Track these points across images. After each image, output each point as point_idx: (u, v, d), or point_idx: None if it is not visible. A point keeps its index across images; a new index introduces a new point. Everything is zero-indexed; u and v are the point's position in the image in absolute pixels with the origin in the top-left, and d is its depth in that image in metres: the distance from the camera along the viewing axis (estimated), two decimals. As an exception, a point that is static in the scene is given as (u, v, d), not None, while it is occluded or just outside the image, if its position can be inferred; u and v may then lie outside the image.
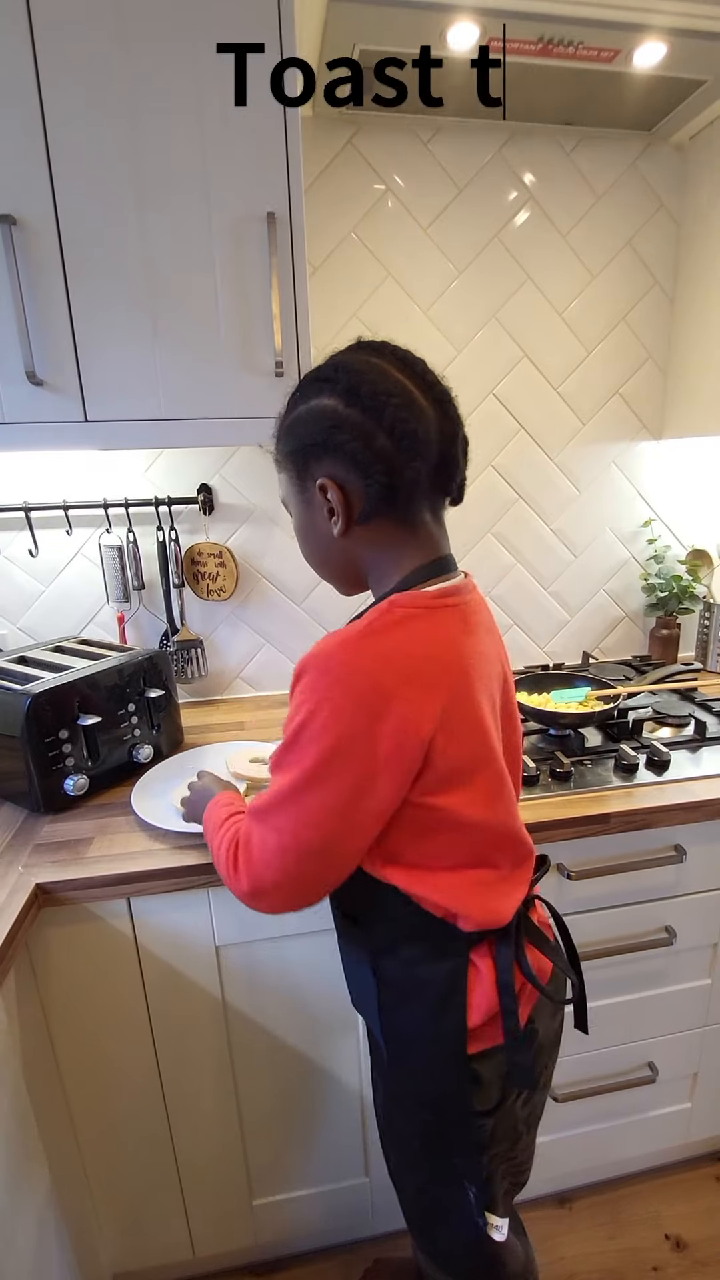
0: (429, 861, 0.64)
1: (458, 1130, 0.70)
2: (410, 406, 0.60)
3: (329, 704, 0.56)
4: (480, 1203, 0.71)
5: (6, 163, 0.86)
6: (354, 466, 0.60)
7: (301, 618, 1.46)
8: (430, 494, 0.64)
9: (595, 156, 1.32)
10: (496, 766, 0.65)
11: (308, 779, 0.57)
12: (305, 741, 0.57)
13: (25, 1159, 0.81)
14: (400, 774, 0.58)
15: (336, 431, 0.59)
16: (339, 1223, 1.14)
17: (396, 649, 0.58)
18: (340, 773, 0.57)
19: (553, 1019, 0.75)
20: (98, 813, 0.99)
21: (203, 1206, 1.06)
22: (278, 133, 0.91)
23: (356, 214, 1.27)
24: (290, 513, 0.71)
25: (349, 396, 0.59)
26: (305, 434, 0.62)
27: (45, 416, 0.94)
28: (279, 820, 0.60)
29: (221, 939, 0.92)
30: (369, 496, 0.61)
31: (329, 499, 0.62)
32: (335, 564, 0.69)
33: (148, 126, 0.88)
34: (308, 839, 0.59)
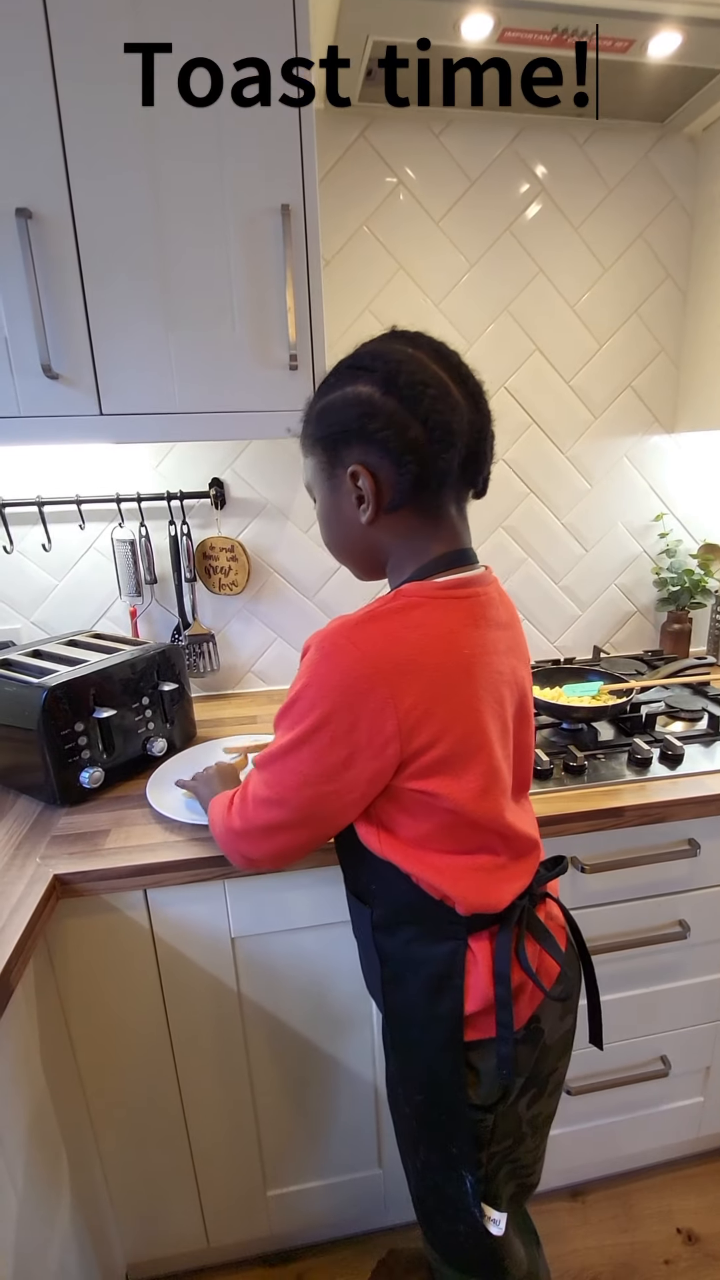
0: (425, 842, 0.65)
1: (453, 1119, 0.70)
2: (446, 398, 0.60)
3: (318, 681, 0.59)
4: (477, 1193, 0.71)
5: (23, 157, 0.86)
6: (387, 455, 0.60)
7: (313, 611, 1.46)
8: (457, 486, 0.65)
9: (608, 148, 1.31)
10: (489, 759, 0.64)
11: (296, 744, 0.61)
12: (297, 712, 0.61)
13: (44, 1148, 0.82)
14: (380, 755, 0.60)
15: (371, 419, 0.60)
16: (352, 1213, 1.14)
17: (389, 635, 0.59)
18: (322, 745, 0.60)
19: (561, 1021, 0.75)
20: (113, 805, 1.00)
21: (217, 1196, 1.07)
22: (292, 125, 0.90)
23: (368, 207, 1.27)
24: (314, 498, 0.71)
25: (386, 385, 0.60)
26: (338, 420, 0.62)
27: (60, 410, 0.95)
28: (269, 773, 0.65)
29: (237, 930, 0.92)
30: (399, 486, 0.61)
31: (359, 486, 0.63)
32: (358, 550, 0.70)
33: (163, 119, 0.88)
34: (288, 798, 0.63)
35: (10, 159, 0.86)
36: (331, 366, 0.68)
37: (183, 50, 0.86)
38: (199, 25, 0.85)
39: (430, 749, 0.60)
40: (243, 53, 0.87)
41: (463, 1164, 0.71)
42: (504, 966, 0.66)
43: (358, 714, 0.58)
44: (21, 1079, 0.77)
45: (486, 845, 0.67)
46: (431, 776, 0.61)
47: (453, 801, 0.62)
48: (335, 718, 0.58)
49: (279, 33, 0.87)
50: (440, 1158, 0.73)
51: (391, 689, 0.58)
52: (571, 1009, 0.76)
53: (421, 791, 0.62)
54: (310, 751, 0.60)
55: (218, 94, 0.88)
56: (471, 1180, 0.71)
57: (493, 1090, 0.68)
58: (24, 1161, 0.76)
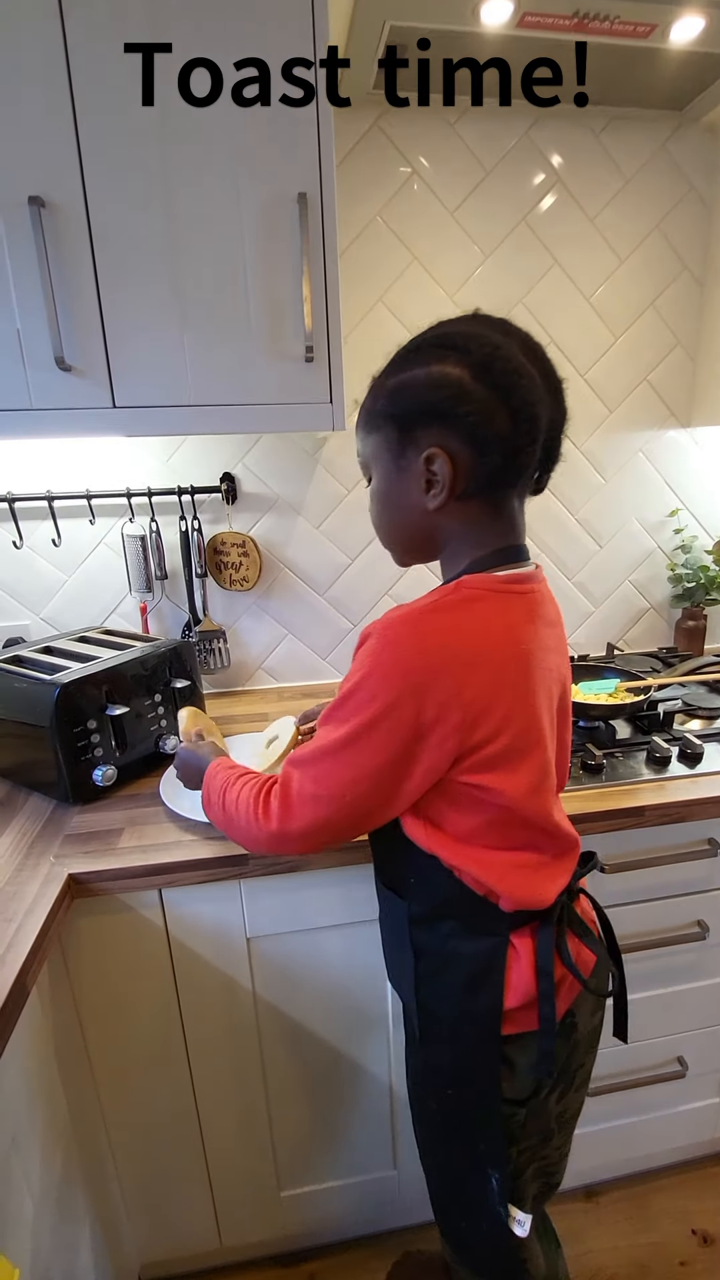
0: (473, 838, 0.64)
1: (484, 1114, 0.69)
2: (535, 391, 0.59)
3: (380, 670, 0.57)
4: (504, 1192, 0.71)
5: (35, 144, 0.85)
6: (469, 442, 0.59)
7: (324, 608, 1.44)
8: (526, 481, 0.64)
9: (624, 138, 1.29)
10: (543, 756, 0.65)
11: (351, 737, 0.59)
12: (355, 703, 0.59)
13: (59, 1149, 0.81)
14: (440, 747, 0.58)
15: (460, 403, 0.57)
16: (366, 1214, 1.14)
17: (454, 628, 0.58)
18: (382, 737, 0.58)
19: (593, 1015, 0.75)
20: (126, 803, 0.98)
21: (230, 1197, 1.06)
22: (309, 110, 0.89)
23: (382, 197, 1.25)
24: (369, 475, 0.69)
25: (480, 370, 0.57)
26: (421, 399, 0.60)
27: (73, 403, 0.93)
28: (318, 770, 0.62)
29: (253, 930, 0.91)
30: (477, 475, 0.60)
31: (433, 470, 0.60)
32: (413, 535, 0.67)
33: (177, 105, 0.86)
34: (341, 793, 0.61)
35: (23, 146, 0.84)
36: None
37: (193, 42, 0.84)
38: (211, 12, 0.84)
39: (489, 743, 0.59)
40: (258, 40, 0.85)
41: (490, 1161, 0.70)
42: (547, 962, 0.66)
43: (421, 705, 0.57)
44: (36, 1081, 0.76)
45: (532, 842, 0.66)
46: (487, 771, 0.61)
47: (505, 797, 0.62)
48: (398, 709, 0.57)
49: (294, 24, 0.86)
50: (466, 1155, 0.72)
51: (456, 681, 0.57)
52: (602, 1004, 0.76)
53: (475, 786, 0.61)
54: (371, 744, 0.58)
55: (220, 92, 0.86)
56: (498, 1179, 0.70)
57: (526, 1084, 0.68)
58: (39, 1163, 0.75)
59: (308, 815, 0.63)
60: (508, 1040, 0.67)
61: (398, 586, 1.45)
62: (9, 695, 0.99)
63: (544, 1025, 0.66)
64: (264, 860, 0.86)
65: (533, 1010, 0.66)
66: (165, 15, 0.83)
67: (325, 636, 1.46)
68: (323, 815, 0.62)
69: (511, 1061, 0.68)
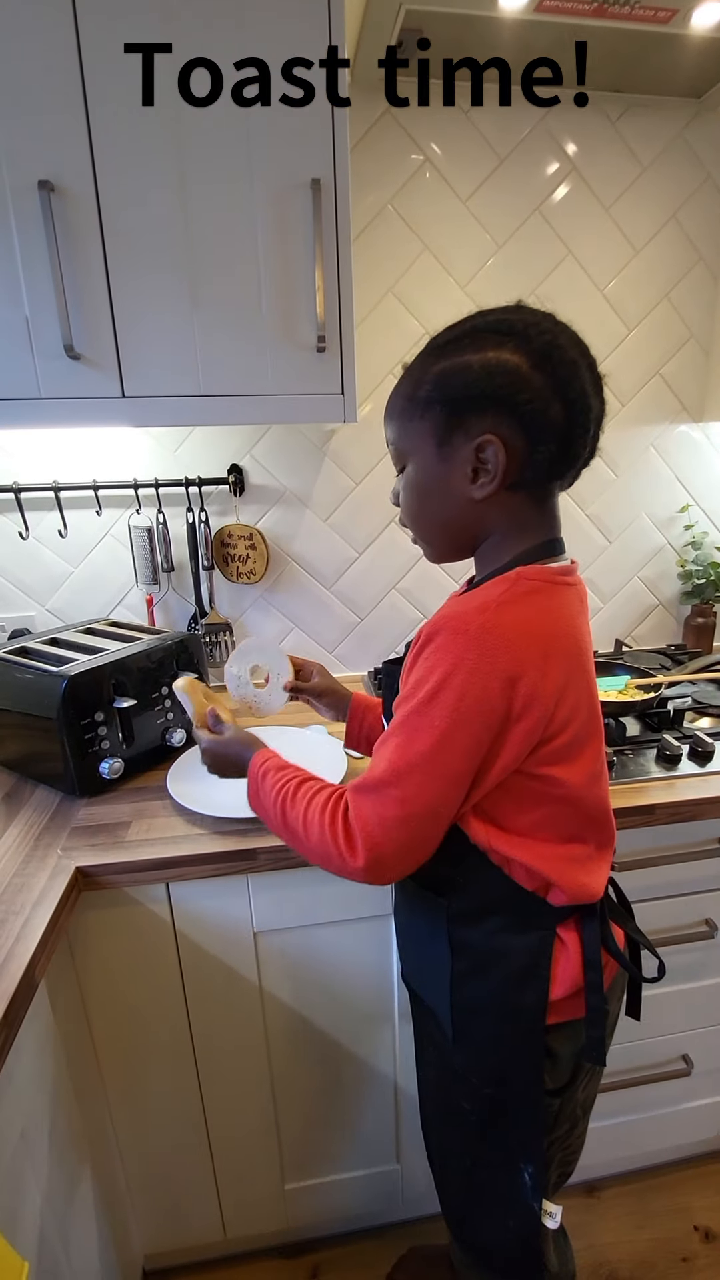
0: (532, 831, 0.64)
1: (523, 1108, 0.69)
2: (588, 382, 0.59)
3: (465, 666, 0.55)
4: (537, 1186, 0.70)
5: (45, 127, 0.83)
6: (525, 431, 0.58)
7: (331, 601, 1.43)
8: (574, 473, 0.64)
9: (641, 125, 1.27)
10: (600, 744, 0.66)
11: (442, 742, 0.56)
12: (441, 704, 0.56)
13: (65, 1140, 0.81)
14: (523, 740, 0.58)
15: (518, 390, 0.56)
16: (369, 1208, 1.14)
17: (528, 619, 0.58)
18: (473, 736, 0.56)
19: (618, 1001, 0.76)
20: (133, 796, 0.98)
21: (235, 1189, 1.06)
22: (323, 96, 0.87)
23: (394, 185, 1.23)
24: (402, 464, 0.67)
25: (539, 358, 0.57)
26: (474, 385, 0.58)
27: (82, 392, 0.92)
28: (407, 790, 0.57)
29: (260, 925, 0.91)
30: (531, 464, 0.59)
31: (484, 458, 0.59)
32: (454, 526, 0.65)
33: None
34: (433, 806, 0.58)
35: (33, 129, 0.83)
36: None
37: (203, 32, 0.82)
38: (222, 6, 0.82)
39: (561, 733, 0.59)
40: (275, 28, 0.83)
41: (524, 1155, 0.70)
42: (595, 953, 0.66)
43: (512, 697, 0.55)
44: (44, 1072, 0.76)
45: (580, 834, 0.66)
46: (556, 763, 0.61)
47: (568, 787, 0.62)
48: (490, 703, 0.55)
49: (313, 15, 0.84)
50: (499, 1153, 0.72)
51: (540, 671, 0.56)
52: (624, 990, 0.77)
53: (543, 777, 0.61)
54: (463, 745, 0.56)
55: (220, 91, 0.85)
56: (531, 1171, 0.70)
57: (565, 1073, 0.69)
58: (48, 1156, 0.75)
59: (396, 840, 0.58)
60: (550, 1030, 0.67)
61: (405, 580, 1.44)
62: (16, 687, 0.99)
63: (593, 1015, 0.66)
64: (273, 855, 0.85)
65: (576, 999, 0.67)
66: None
67: (332, 630, 1.46)
68: (413, 834, 0.59)
69: (555, 1052, 0.68)
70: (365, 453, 1.35)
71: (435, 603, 1.46)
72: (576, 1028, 0.68)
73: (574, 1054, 0.68)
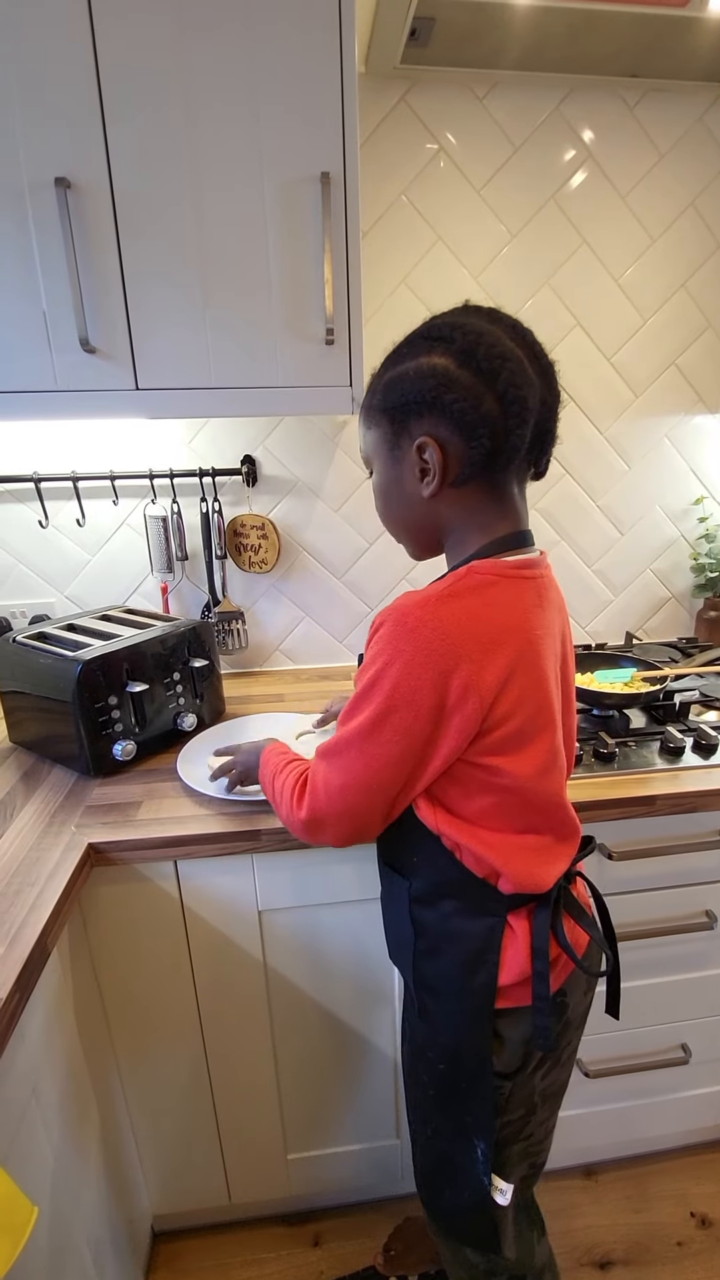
0: (480, 819, 0.66)
1: (473, 1085, 0.72)
2: (523, 374, 0.60)
3: (402, 657, 0.58)
4: (488, 1161, 0.73)
5: (62, 125, 0.85)
6: (458, 428, 0.60)
7: (342, 591, 1.45)
8: (522, 465, 0.65)
9: (660, 111, 1.25)
10: (553, 738, 0.66)
11: (374, 724, 0.60)
12: (377, 691, 0.60)
13: (77, 1102, 0.85)
14: (460, 731, 0.60)
15: (446, 391, 0.59)
16: (369, 1180, 1.17)
17: (471, 612, 0.59)
18: (405, 723, 0.60)
19: (584, 996, 0.77)
20: (145, 778, 1.01)
21: (239, 1157, 1.10)
22: (334, 88, 0.88)
23: (407, 176, 1.24)
24: (372, 470, 0.71)
25: (463, 357, 0.59)
26: (410, 390, 0.61)
27: (97, 385, 0.95)
28: (344, 760, 0.64)
29: (265, 904, 0.94)
30: (469, 460, 0.61)
31: (425, 459, 0.62)
32: (416, 525, 0.69)
33: (202, 86, 0.86)
34: (367, 781, 0.63)
35: (50, 127, 0.85)
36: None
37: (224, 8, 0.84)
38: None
39: (503, 725, 0.61)
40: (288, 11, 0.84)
41: (476, 1131, 0.73)
42: (543, 942, 0.67)
43: (445, 690, 0.58)
44: (56, 1036, 0.80)
45: (535, 826, 0.68)
46: (499, 753, 0.62)
47: (514, 778, 0.63)
48: (421, 695, 0.58)
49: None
50: (454, 1126, 0.75)
51: (475, 666, 0.58)
52: (593, 985, 0.78)
53: (486, 767, 0.63)
54: (394, 731, 0.60)
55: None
56: (484, 1148, 0.73)
57: (515, 1058, 0.70)
58: (58, 1114, 0.79)
59: (336, 804, 0.65)
60: (500, 1015, 0.69)
61: (415, 571, 1.45)
62: (34, 671, 1.02)
63: (538, 1003, 0.68)
64: (277, 836, 0.88)
65: (526, 987, 0.68)
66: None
67: (342, 619, 1.48)
68: (350, 803, 0.64)
69: (502, 1036, 0.70)
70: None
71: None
72: (525, 1014, 0.70)
73: (523, 1040, 0.70)
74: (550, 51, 1.12)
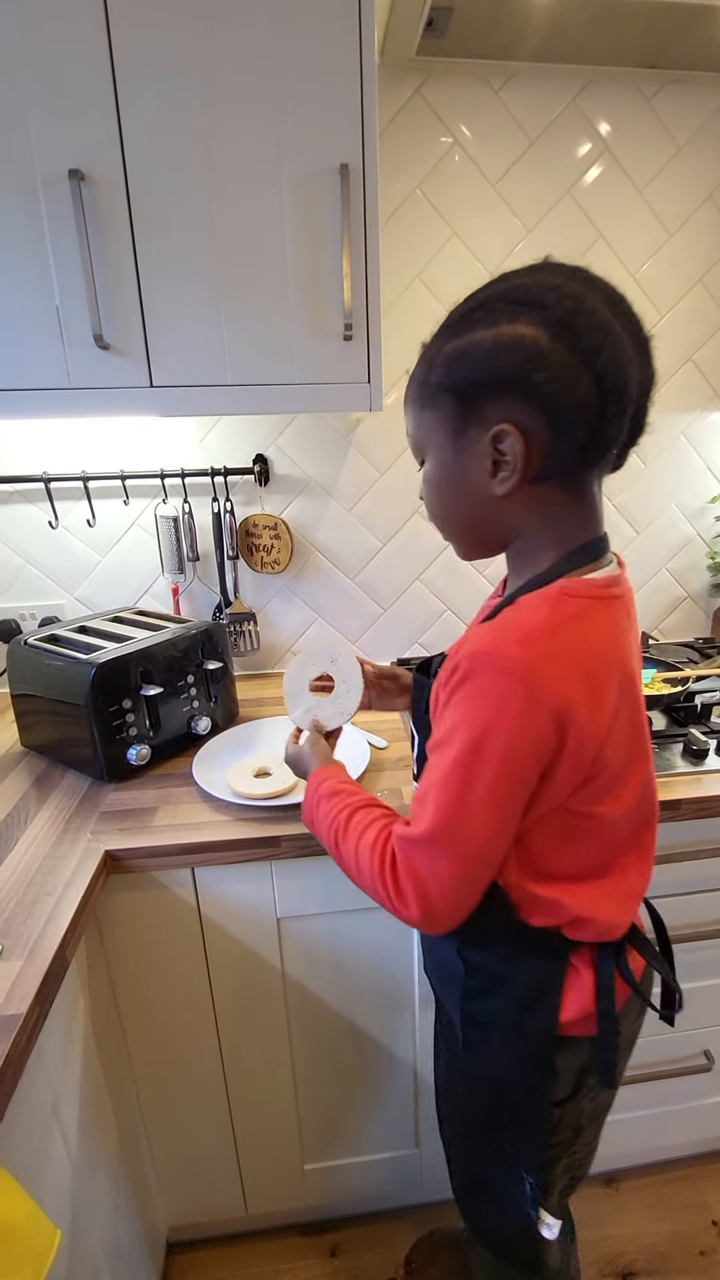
0: (569, 872, 0.60)
1: (521, 1118, 0.68)
2: (624, 351, 0.51)
3: (509, 712, 0.50)
4: (536, 1195, 0.69)
5: (76, 116, 0.83)
6: (547, 415, 0.50)
7: (355, 592, 1.43)
8: (609, 459, 0.56)
9: (679, 103, 1.23)
10: (648, 769, 0.62)
11: (493, 793, 0.52)
12: (486, 756, 0.51)
13: (94, 1114, 0.83)
14: (568, 782, 0.54)
15: (536, 368, 0.49)
16: (387, 1190, 1.16)
17: (575, 649, 0.52)
18: (524, 784, 0.52)
19: (635, 1020, 0.73)
20: (159, 782, 1.00)
21: (256, 1167, 1.08)
22: (353, 78, 0.86)
23: (422, 170, 1.22)
24: (421, 458, 0.61)
25: (560, 329, 0.49)
26: (487, 366, 0.51)
27: (110, 382, 0.93)
28: (455, 844, 0.54)
29: (283, 911, 0.92)
30: (555, 453, 0.52)
31: (502, 449, 0.53)
32: (478, 526, 0.59)
33: (218, 75, 0.84)
34: (484, 857, 0.55)
35: (64, 118, 0.83)
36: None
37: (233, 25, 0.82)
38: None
39: (608, 768, 0.55)
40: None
41: (523, 1164, 0.69)
42: (609, 980, 0.62)
43: (563, 740, 0.51)
44: (74, 1048, 0.78)
45: (621, 863, 0.62)
46: (599, 798, 0.57)
47: (608, 821, 0.58)
48: (540, 749, 0.50)
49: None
50: (494, 1151, 0.72)
51: (589, 709, 0.51)
52: (645, 1010, 0.73)
53: (584, 814, 0.57)
54: (511, 795, 0.52)
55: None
56: (532, 1182, 0.69)
57: (566, 1087, 0.66)
58: (77, 1126, 0.77)
59: (450, 893, 0.56)
60: (556, 1045, 0.65)
61: (429, 571, 1.44)
62: (46, 674, 1.01)
63: (604, 1039, 0.63)
64: (296, 842, 0.86)
65: (586, 1020, 0.64)
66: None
67: (355, 620, 1.46)
68: (468, 890, 0.56)
69: (556, 1068, 0.65)
70: (390, 443, 1.34)
71: (460, 594, 1.46)
72: (582, 1044, 0.65)
73: (577, 1070, 0.65)
74: (569, 42, 1.09)
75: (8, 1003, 0.61)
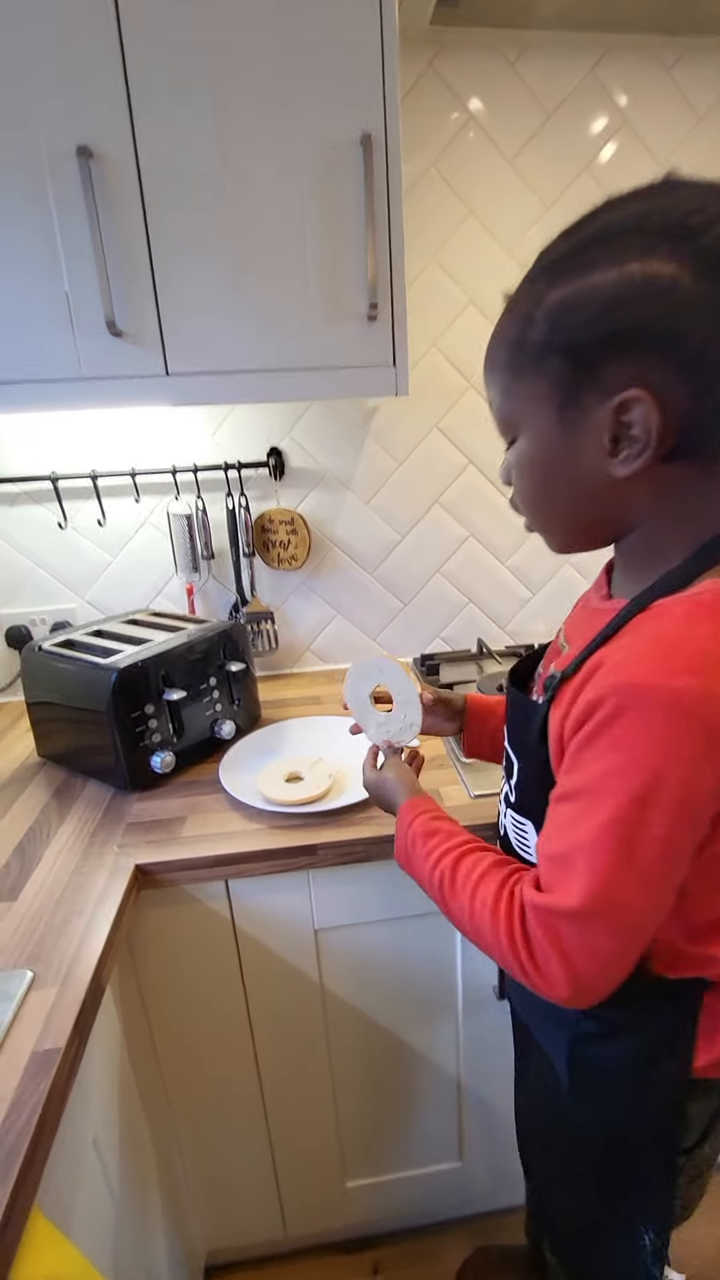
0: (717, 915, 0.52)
1: (648, 1169, 0.60)
2: None
3: (682, 755, 0.41)
4: (658, 1250, 0.61)
5: (83, 88, 0.79)
6: (691, 376, 0.41)
7: (374, 587, 1.39)
8: None
9: (699, 71, 1.19)
10: None
11: (661, 859, 0.43)
12: (659, 809, 0.42)
13: (133, 1143, 0.79)
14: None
15: (678, 317, 0.40)
16: (431, 1205, 1.12)
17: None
18: (694, 842, 0.44)
19: None
20: (185, 790, 0.95)
21: (296, 1188, 1.04)
22: (373, 42, 0.82)
23: (436, 146, 1.17)
24: (515, 431, 0.51)
25: (710, 264, 0.39)
26: (610, 318, 0.41)
27: (124, 371, 0.88)
28: (620, 919, 0.45)
29: (321, 922, 0.87)
30: (698, 424, 0.42)
31: (628, 421, 0.43)
32: (586, 514, 0.50)
33: (233, 44, 0.80)
34: (652, 925, 0.46)
35: (69, 90, 0.79)
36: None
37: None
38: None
39: None
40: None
41: (645, 1219, 0.61)
42: None
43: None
44: (111, 1074, 0.74)
45: None
46: None
47: None
48: (707, 802, 0.43)
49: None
50: (613, 1210, 0.64)
51: None
52: None
53: None
54: (675, 855, 0.44)
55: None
56: (650, 1237, 0.61)
57: (695, 1133, 0.60)
58: (117, 1156, 0.73)
59: (609, 970, 0.47)
60: (689, 1090, 0.57)
61: (450, 563, 1.39)
62: (63, 680, 0.96)
63: None
64: (335, 850, 0.82)
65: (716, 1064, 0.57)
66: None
67: (375, 616, 1.41)
68: (631, 963, 0.48)
69: (688, 1115, 0.58)
70: (408, 431, 1.30)
71: (482, 586, 1.41)
72: (714, 1087, 0.58)
73: (710, 1114, 0.59)
74: (584, 5, 1.05)
75: (44, 1036, 0.56)
